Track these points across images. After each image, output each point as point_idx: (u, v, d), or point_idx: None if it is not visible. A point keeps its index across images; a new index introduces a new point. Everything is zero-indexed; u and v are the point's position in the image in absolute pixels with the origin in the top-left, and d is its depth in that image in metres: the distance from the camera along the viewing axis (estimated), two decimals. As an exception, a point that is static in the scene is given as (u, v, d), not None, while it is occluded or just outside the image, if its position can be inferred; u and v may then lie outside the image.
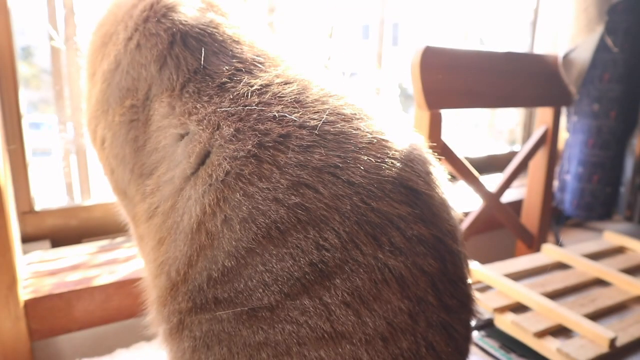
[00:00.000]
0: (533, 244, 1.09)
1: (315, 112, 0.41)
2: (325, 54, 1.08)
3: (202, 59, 0.46)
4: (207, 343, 0.40)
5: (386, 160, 0.39)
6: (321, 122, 0.40)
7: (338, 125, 0.40)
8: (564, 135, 1.20)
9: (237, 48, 0.48)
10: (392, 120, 0.43)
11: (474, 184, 0.97)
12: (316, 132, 0.39)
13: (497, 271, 0.80)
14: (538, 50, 1.46)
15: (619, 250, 0.95)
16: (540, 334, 0.64)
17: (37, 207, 0.86)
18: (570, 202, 1.16)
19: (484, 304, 0.71)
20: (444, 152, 0.90)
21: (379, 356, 0.36)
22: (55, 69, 0.86)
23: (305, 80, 0.44)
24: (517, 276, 0.80)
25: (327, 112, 0.40)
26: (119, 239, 0.90)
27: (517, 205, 1.18)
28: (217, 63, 0.46)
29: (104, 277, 0.74)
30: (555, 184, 1.22)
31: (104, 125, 0.51)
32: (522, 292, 0.72)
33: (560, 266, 0.86)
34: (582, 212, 1.15)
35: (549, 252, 0.90)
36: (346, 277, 0.36)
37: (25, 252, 0.82)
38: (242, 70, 0.45)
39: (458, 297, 0.40)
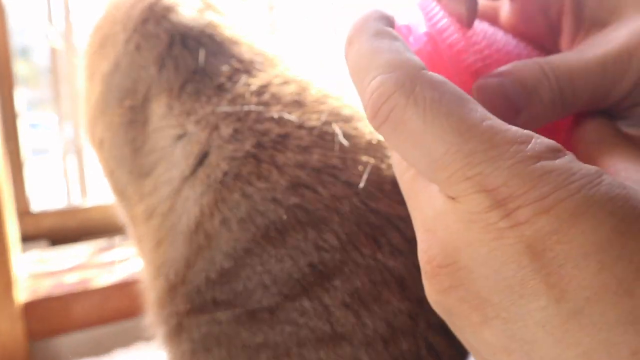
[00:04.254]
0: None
1: (314, 113, 0.40)
2: (325, 54, 1.08)
3: (201, 59, 0.46)
4: (206, 345, 0.39)
5: (385, 160, 0.39)
6: (320, 122, 0.40)
7: (337, 125, 0.40)
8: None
9: (236, 48, 0.48)
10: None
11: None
12: (315, 132, 0.39)
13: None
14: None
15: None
16: (540, 335, 0.64)
17: (35, 208, 0.86)
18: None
19: (484, 305, 0.71)
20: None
21: (379, 357, 0.36)
22: (54, 68, 0.86)
23: (305, 81, 0.44)
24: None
25: (326, 112, 0.40)
26: (117, 240, 0.90)
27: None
28: (215, 64, 0.46)
29: (103, 278, 0.74)
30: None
31: (103, 126, 0.50)
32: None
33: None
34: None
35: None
36: (345, 279, 0.36)
37: (23, 252, 0.82)
38: (240, 71, 0.45)
39: (458, 298, 0.40)
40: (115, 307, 0.73)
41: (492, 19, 0.30)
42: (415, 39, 0.24)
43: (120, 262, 0.79)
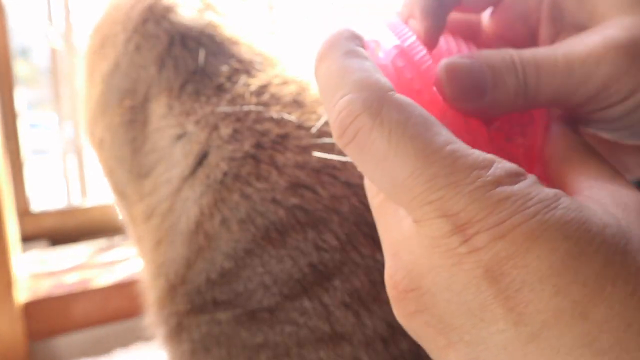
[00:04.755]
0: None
1: (313, 113, 0.41)
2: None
3: (201, 60, 0.46)
4: (206, 345, 0.39)
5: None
6: (320, 122, 0.40)
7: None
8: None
9: (235, 49, 0.48)
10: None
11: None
12: (315, 132, 0.39)
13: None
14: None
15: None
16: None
17: (35, 208, 0.86)
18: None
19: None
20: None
21: (379, 357, 0.36)
22: (54, 68, 0.86)
23: (304, 81, 0.44)
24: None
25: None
26: (117, 240, 0.90)
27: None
28: (215, 64, 0.46)
29: (103, 278, 0.74)
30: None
31: (103, 126, 0.50)
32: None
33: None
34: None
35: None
36: (345, 278, 0.36)
37: (23, 252, 0.82)
38: (240, 71, 0.45)
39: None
40: (115, 307, 0.73)
41: (475, 29, 0.31)
42: (385, 53, 0.24)
43: (120, 262, 0.79)
